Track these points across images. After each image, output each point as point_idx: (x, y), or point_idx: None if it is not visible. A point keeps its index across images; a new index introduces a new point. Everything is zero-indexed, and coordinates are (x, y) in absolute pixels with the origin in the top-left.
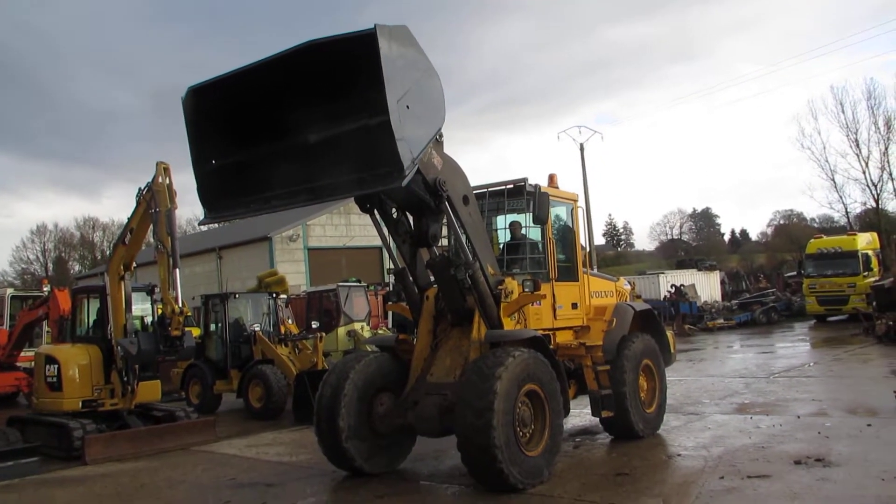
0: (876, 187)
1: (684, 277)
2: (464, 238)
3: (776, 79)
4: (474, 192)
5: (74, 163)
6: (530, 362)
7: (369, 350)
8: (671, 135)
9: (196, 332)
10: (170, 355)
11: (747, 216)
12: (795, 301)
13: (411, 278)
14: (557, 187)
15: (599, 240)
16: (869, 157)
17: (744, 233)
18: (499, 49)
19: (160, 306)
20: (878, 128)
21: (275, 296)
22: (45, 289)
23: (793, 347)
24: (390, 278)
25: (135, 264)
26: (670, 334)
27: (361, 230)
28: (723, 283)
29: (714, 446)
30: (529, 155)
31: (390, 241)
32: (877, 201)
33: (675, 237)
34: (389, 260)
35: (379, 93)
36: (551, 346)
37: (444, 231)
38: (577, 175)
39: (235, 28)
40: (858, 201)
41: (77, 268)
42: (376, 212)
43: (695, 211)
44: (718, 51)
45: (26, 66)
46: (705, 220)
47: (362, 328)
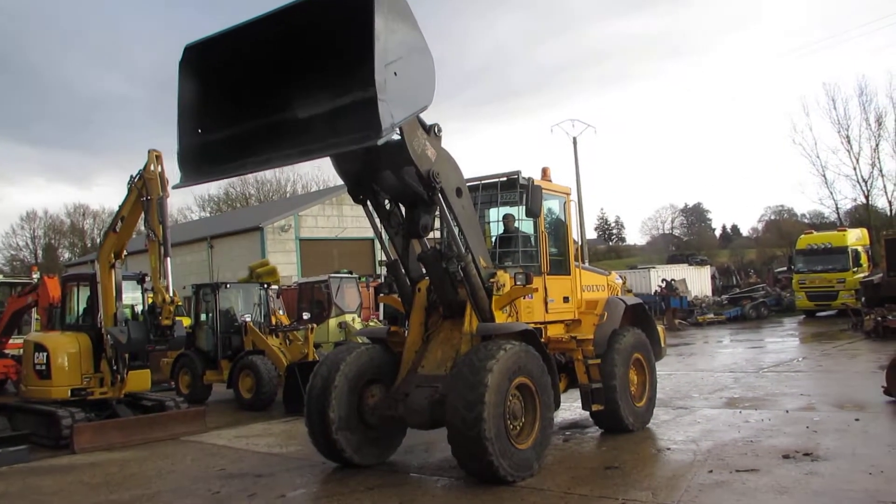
0: (866, 183)
1: (675, 272)
2: (456, 230)
3: (769, 75)
4: (467, 184)
5: (65, 149)
6: (521, 355)
7: (360, 342)
8: (664, 129)
9: (187, 321)
10: (160, 345)
11: (738, 212)
12: (785, 296)
13: (403, 270)
14: (550, 181)
15: (591, 234)
16: (860, 154)
17: (735, 228)
18: (492, 41)
19: (151, 295)
20: (870, 124)
21: (266, 286)
22: (34, 276)
23: (782, 342)
24: (382, 270)
25: (125, 252)
26: (661, 329)
27: (354, 221)
28: (713, 278)
29: (703, 440)
30: (523, 147)
31: (383, 232)
32: (867, 197)
33: (667, 232)
34: (381, 251)
35: (368, 59)
36: (542, 340)
37: (437, 223)
38: (569, 168)
39: (234, 14)
40: (849, 197)
41: (67, 255)
42: (369, 203)
43: (686, 206)
44: (711, 46)
45: (16, 49)
46: (697, 216)
47: (353, 320)
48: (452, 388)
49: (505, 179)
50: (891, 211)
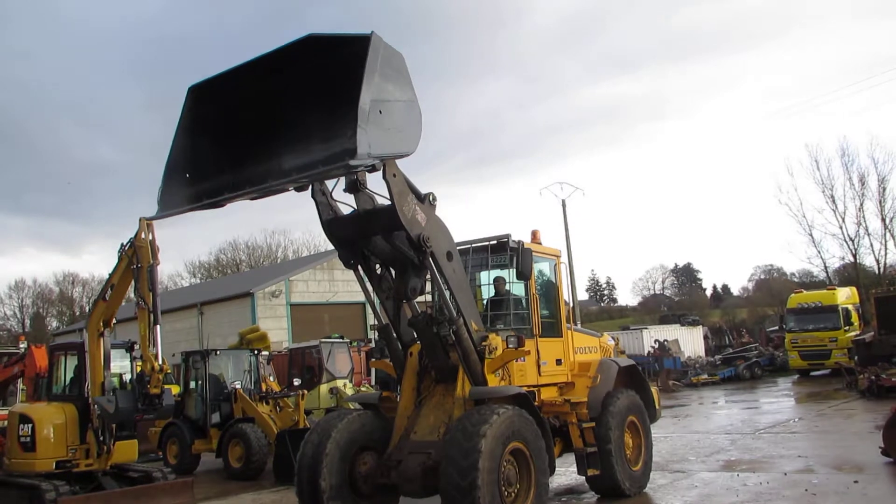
0: (853, 242)
1: (667, 333)
2: (447, 294)
3: (752, 136)
4: (458, 247)
5: (55, 218)
6: (515, 420)
7: (352, 408)
8: (652, 191)
9: (175, 389)
10: (148, 413)
11: (728, 271)
12: (778, 356)
13: (395, 335)
14: (540, 243)
15: (583, 295)
16: (845, 213)
17: (725, 288)
18: (481, 106)
19: (139, 363)
20: (853, 184)
21: (256, 352)
22: (21, 345)
23: (777, 403)
24: (373, 335)
25: (114, 320)
26: (655, 390)
27: (344, 286)
28: (706, 338)
29: None
30: (512, 210)
31: (374, 297)
32: (855, 256)
33: (658, 292)
34: (373, 316)
35: (356, 97)
36: (536, 403)
37: (428, 287)
38: (559, 230)
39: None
40: (837, 256)
41: (55, 324)
42: (360, 268)
43: (676, 266)
44: (696, 109)
45: (7, 120)
46: (687, 275)
47: (345, 385)
48: (446, 455)
49: (495, 243)
50: (879, 269)
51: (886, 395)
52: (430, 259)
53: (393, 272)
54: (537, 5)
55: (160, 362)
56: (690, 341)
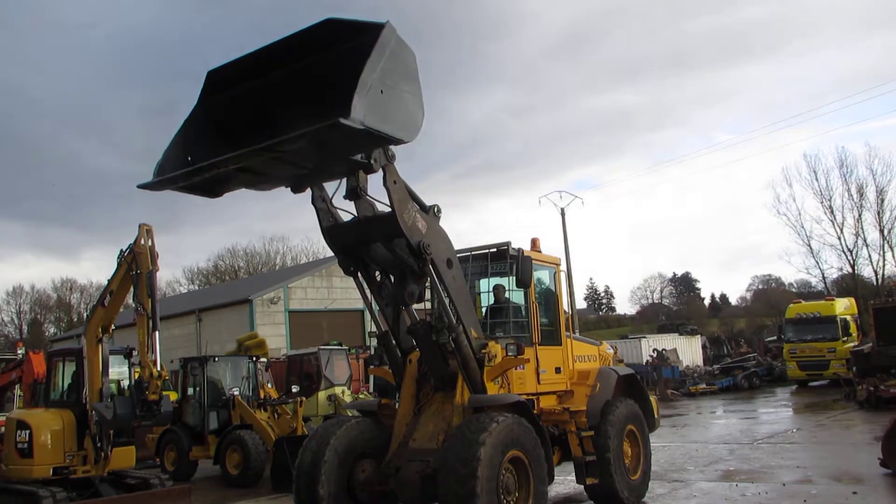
0: (851, 253)
1: (666, 342)
2: (447, 301)
3: (751, 146)
4: (458, 255)
5: (54, 224)
6: (514, 428)
7: (350, 415)
8: (650, 199)
9: (173, 396)
10: (146, 420)
11: (726, 281)
12: (776, 366)
13: (394, 342)
14: (540, 251)
15: (581, 303)
16: (843, 224)
17: (723, 297)
18: (481, 115)
19: (138, 370)
20: (851, 195)
21: (255, 359)
22: (19, 351)
23: (775, 413)
24: (372, 342)
25: (113, 326)
26: (653, 399)
27: (343, 293)
28: (704, 347)
29: None
30: (512, 218)
31: (373, 304)
32: (853, 267)
33: (656, 301)
34: (371, 323)
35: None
36: (535, 412)
37: (427, 294)
38: (558, 239)
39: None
40: (835, 267)
41: (52, 330)
42: (360, 275)
43: (675, 275)
44: (694, 119)
45: (7, 127)
46: (685, 285)
47: (343, 392)
48: (444, 462)
49: (495, 250)
50: (877, 280)
51: (885, 406)
52: (430, 266)
53: (392, 279)
54: (538, 15)
55: (159, 368)
56: (689, 351)
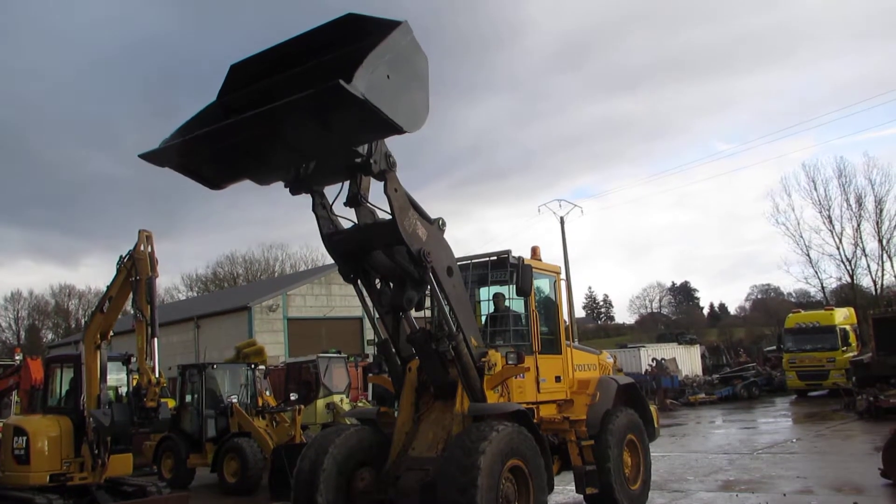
0: (850, 263)
1: (665, 351)
2: (447, 309)
3: (750, 156)
4: (458, 263)
5: (53, 230)
6: (514, 437)
7: (349, 423)
8: (650, 208)
9: (171, 403)
10: (144, 427)
11: (725, 290)
12: (776, 376)
13: (394, 350)
14: (540, 259)
15: (580, 312)
16: (842, 234)
17: (722, 307)
18: (480, 124)
19: (136, 376)
20: (850, 205)
21: (253, 366)
22: (17, 357)
23: (775, 423)
24: (371, 349)
25: (112, 333)
26: (653, 409)
27: (342, 301)
28: (703, 357)
29: None
30: (512, 227)
31: (373, 311)
32: (852, 277)
33: (655, 310)
34: (370, 331)
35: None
36: (535, 420)
37: (427, 302)
38: (558, 247)
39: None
40: (833, 276)
41: (50, 336)
42: (360, 282)
43: (674, 284)
44: (693, 128)
45: (8, 135)
46: (684, 294)
47: (342, 400)
48: (444, 471)
49: (495, 258)
50: (876, 290)
51: (884, 416)
52: (431, 274)
53: (392, 286)
54: (538, 24)
55: (157, 375)
56: (688, 360)
